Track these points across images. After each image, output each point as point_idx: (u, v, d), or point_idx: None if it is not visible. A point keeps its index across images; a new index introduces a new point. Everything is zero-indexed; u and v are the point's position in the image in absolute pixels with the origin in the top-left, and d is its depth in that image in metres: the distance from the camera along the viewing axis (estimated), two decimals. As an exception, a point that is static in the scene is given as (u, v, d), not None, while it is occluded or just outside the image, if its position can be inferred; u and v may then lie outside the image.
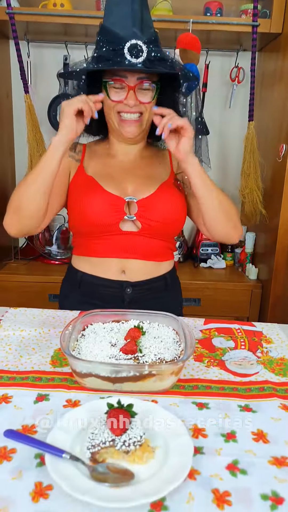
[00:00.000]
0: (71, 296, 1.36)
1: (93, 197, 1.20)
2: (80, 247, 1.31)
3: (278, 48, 2.01)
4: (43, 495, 0.63)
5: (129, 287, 1.26)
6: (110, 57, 1.10)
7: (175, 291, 1.40)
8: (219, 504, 0.63)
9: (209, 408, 0.85)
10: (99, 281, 1.27)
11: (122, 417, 0.71)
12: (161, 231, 1.23)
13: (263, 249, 2.23)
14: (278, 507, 0.63)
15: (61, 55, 2.26)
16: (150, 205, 1.20)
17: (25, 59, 2.06)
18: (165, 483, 0.64)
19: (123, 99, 1.14)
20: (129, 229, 1.22)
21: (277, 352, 1.09)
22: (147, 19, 1.14)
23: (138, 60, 1.09)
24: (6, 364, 0.98)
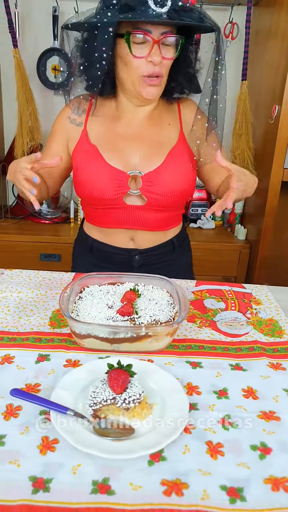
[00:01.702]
0: (83, 257, 1.39)
1: (95, 170, 1.16)
2: (89, 216, 1.33)
3: (274, 3, 1.95)
4: (50, 448, 0.68)
5: (137, 254, 1.29)
6: (133, 5, 0.97)
7: (183, 253, 1.41)
8: (212, 455, 0.68)
9: (202, 367, 0.90)
10: (109, 248, 1.30)
11: (122, 376, 0.76)
12: (168, 203, 1.20)
13: (252, 210, 2.26)
14: (266, 457, 0.68)
15: (50, 6, 2.17)
16: (156, 179, 1.16)
17: (12, 9, 1.97)
18: (163, 436, 0.69)
19: (147, 55, 1.03)
20: (135, 203, 1.19)
21: (266, 313, 1.13)
22: None
23: (163, 10, 0.97)
24: (6, 325, 1.01)
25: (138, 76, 1.08)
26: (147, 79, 1.08)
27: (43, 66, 2.25)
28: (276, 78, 1.90)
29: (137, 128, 1.20)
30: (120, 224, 1.24)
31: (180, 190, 1.19)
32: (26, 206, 2.40)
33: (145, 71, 1.06)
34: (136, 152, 1.18)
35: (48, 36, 2.25)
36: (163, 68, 1.07)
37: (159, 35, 1.02)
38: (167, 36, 1.03)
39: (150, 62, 1.05)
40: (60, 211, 2.44)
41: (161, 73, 1.07)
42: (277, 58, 1.90)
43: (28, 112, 1.95)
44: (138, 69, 1.07)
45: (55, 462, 0.66)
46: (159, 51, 1.03)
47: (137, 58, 1.05)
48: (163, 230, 1.30)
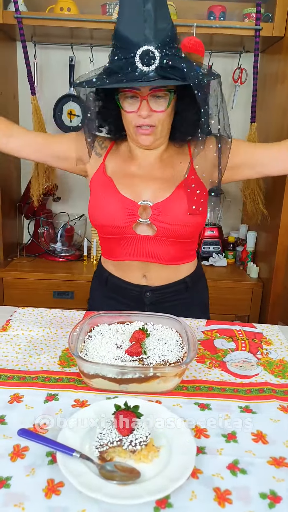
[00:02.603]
0: (99, 290, 1.43)
1: (108, 199, 1.22)
2: (104, 249, 1.37)
3: (280, 50, 2.03)
4: (55, 492, 0.67)
5: (149, 291, 1.31)
6: (120, 68, 1.06)
7: (198, 292, 1.42)
8: (220, 502, 0.67)
9: (211, 409, 0.89)
10: (122, 283, 1.34)
11: (129, 418, 0.75)
12: (178, 234, 1.22)
13: (264, 248, 2.27)
14: (276, 506, 0.67)
15: (67, 56, 2.29)
16: (165, 209, 1.19)
17: (31, 60, 2.09)
18: (169, 481, 0.68)
19: (136, 110, 1.11)
20: (145, 233, 1.23)
21: (277, 354, 1.12)
22: (162, 18, 1.06)
23: (150, 68, 1.04)
24: (17, 364, 1.02)
25: (132, 126, 1.17)
26: (139, 129, 1.16)
27: (59, 111, 2.34)
28: (284, 120, 1.95)
29: (148, 169, 1.26)
30: (132, 255, 1.27)
31: (189, 220, 1.21)
32: (41, 244, 2.45)
33: (136, 123, 1.15)
34: (147, 187, 1.23)
35: (65, 83, 2.36)
36: (154, 119, 1.13)
37: (147, 91, 1.09)
38: (155, 92, 1.10)
39: (139, 116, 1.12)
40: (73, 249, 2.48)
41: (151, 123, 1.14)
42: (284, 101, 1.96)
43: (44, 154, 2.02)
44: (131, 121, 1.16)
45: (59, 506, 0.65)
46: (147, 105, 1.10)
47: (128, 113, 1.14)
48: (175, 264, 1.30)
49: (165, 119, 1.15)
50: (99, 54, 2.32)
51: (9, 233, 2.36)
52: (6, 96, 2.24)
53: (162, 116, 1.14)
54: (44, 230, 2.47)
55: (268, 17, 2.01)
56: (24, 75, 2.04)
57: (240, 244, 2.50)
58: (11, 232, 2.40)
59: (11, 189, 2.40)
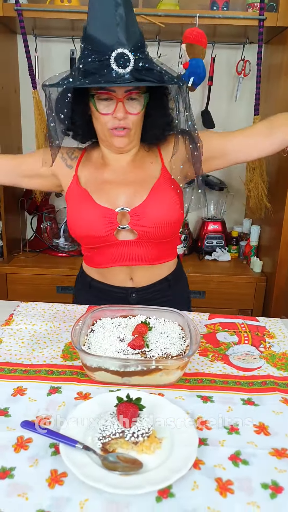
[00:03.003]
0: (83, 293, 1.44)
1: (86, 210, 1.22)
2: (87, 258, 1.37)
3: (284, 41, 2.01)
4: (59, 482, 0.68)
5: (134, 292, 1.33)
6: (96, 69, 1.05)
7: (179, 289, 1.44)
8: (222, 492, 0.67)
9: (213, 402, 0.89)
10: (107, 287, 1.34)
11: (131, 410, 0.76)
12: (158, 235, 1.22)
13: (267, 242, 2.26)
14: (277, 496, 0.67)
15: (68, 49, 2.28)
16: (143, 213, 1.20)
17: (32, 54, 2.08)
18: (171, 472, 0.68)
19: (112, 112, 1.11)
20: (127, 237, 1.23)
21: (280, 347, 1.12)
22: (133, 22, 1.08)
23: (126, 71, 1.04)
24: (20, 357, 1.03)
25: (107, 129, 1.16)
26: (114, 131, 1.15)
27: (62, 105, 2.34)
28: (288, 113, 1.94)
29: (121, 173, 1.25)
30: (116, 261, 1.27)
31: (168, 220, 1.22)
32: (44, 239, 2.45)
33: (111, 125, 1.14)
34: (122, 193, 1.23)
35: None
36: (129, 121, 1.13)
37: (123, 93, 1.09)
38: (130, 94, 1.10)
39: (115, 118, 1.12)
40: (76, 244, 2.49)
41: (126, 125, 1.14)
42: (289, 93, 1.95)
43: (47, 149, 2.02)
44: (106, 124, 1.14)
45: (63, 496, 0.66)
46: (123, 108, 1.10)
47: (103, 115, 1.13)
48: (158, 263, 1.31)
49: (138, 121, 1.16)
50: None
51: (12, 229, 2.37)
52: (7, 90, 2.24)
53: (136, 118, 1.14)
54: (47, 226, 2.47)
55: (272, 6, 1.98)
56: (25, 69, 2.03)
57: (243, 239, 2.50)
58: (14, 228, 2.41)
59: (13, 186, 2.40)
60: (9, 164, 1.33)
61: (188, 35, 1.81)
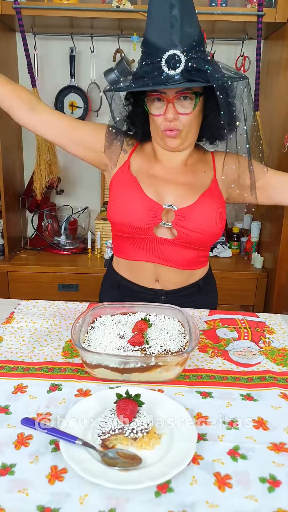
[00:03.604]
0: (111, 294, 1.42)
1: (133, 198, 1.21)
2: (118, 248, 1.36)
3: (283, 37, 2.01)
4: (59, 478, 0.69)
5: (163, 295, 1.32)
6: (147, 72, 1.08)
7: (209, 293, 1.44)
8: (220, 487, 0.68)
9: (213, 397, 0.90)
10: (136, 287, 1.33)
11: (130, 406, 0.77)
12: (197, 241, 1.22)
13: (268, 238, 2.26)
14: (275, 489, 0.68)
15: (67, 47, 2.28)
16: (189, 215, 1.20)
17: (31, 52, 2.08)
18: (170, 467, 0.69)
19: (163, 113, 1.12)
20: (164, 236, 1.23)
21: (279, 342, 1.13)
22: (190, 23, 1.06)
23: (176, 72, 1.04)
24: (20, 355, 1.04)
25: (159, 130, 1.17)
26: (167, 132, 1.16)
27: (61, 103, 2.34)
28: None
29: (173, 172, 1.26)
30: (147, 257, 1.27)
31: (210, 229, 1.22)
32: (45, 237, 2.46)
33: (163, 126, 1.15)
34: (171, 191, 1.23)
35: (66, 74, 2.35)
36: (179, 123, 1.13)
37: (173, 94, 1.10)
38: (180, 95, 1.10)
39: (166, 119, 1.13)
40: (78, 242, 2.50)
41: (177, 127, 1.14)
42: None
43: (46, 147, 2.02)
44: (160, 125, 1.16)
45: (63, 492, 0.66)
46: (173, 109, 1.11)
47: (155, 116, 1.15)
48: (188, 269, 1.30)
49: (191, 122, 1.15)
50: (99, 44, 2.31)
51: (13, 227, 2.38)
52: (7, 89, 2.24)
53: (188, 119, 1.14)
54: (48, 223, 2.48)
55: (270, 2, 1.98)
56: (24, 67, 2.03)
57: (244, 235, 2.50)
58: (15, 226, 2.42)
59: (14, 183, 2.41)
60: (66, 124, 1.27)
61: (186, 31, 1.80)
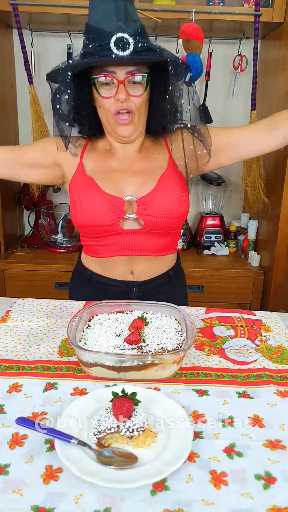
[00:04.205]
0: (80, 289, 1.42)
1: (92, 198, 1.21)
2: (88, 247, 1.35)
3: (280, 36, 2.01)
4: (54, 478, 0.68)
5: (135, 286, 1.32)
6: (96, 51, 1.06)
7: (179, 285, 1.44)
8: (216, 484, 0.68)
9: (209, 395, 0.90)
10: (107, 281, 1.33)
11: (126, 405, 0.76)
12: (165, 225, 1.23)
13: (265, 236, 2.26)
14: (270, 486, 0.67)
15: (65, 44, 2.27)
16: (150, 202, 1.20)
17: (28, 48, 2.07)
18: (166, 465, 0.69)
19: (114, 95, 1.11)
20: (132, 227, 1.23)
21: (275, 340, 1.13)
22: (132, 13, 1.10)
23: (125, 53, 1.05)
24: (16, 354, 1.03)
25: (110, 114, 1.15)
26: (118, 118, 1.14)
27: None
28: (285, 107, 1.92)
29: (128, 162, 1.25)
30: (118, 251, 1.26)
31: (174, 211, 1.22)
32: (41, 236, 2.45)
33: (113, 109, 1.13)
34: (129, 182, 1.23)
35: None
36: (131, 104, 1.13)
37: (123, 75, 1.09)
38: (132, 75, 1.09)
39: (117, 100, 1.11)
40: (74, 240, 2.49)
41: (129, 108, 1.13)
42: (285, 88, 1.94)
43: (43, 144, 2.02)
44: (109, 108, 1.14)
45: (57, 492, 0.66)
46: (124, 90, 1.10)
47: (105, 99, 1.13)
48: (161, 255, 1.30)
49: (141, 105, 1.15)
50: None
51: (9, 225, 2.37)
52: (3, 85, 2.24)
53: (139, 101, 1.13)
54: (44, 221, 2.47)
55: (267, 2, 1.98)
56: (21, 63, 2.02)
57: (241, 233, 2.50)
58: (11, 224, 2.41)
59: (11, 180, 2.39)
60: (9, 155, 1.28)
61: (184, 30, 1.80)
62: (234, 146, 1.26)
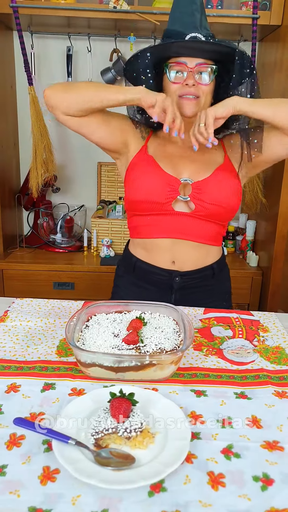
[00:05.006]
0: (125, 277, 1.45)
1: (150, 175, 1.28)
2: (136, 230, 1.38)
3: (278, 39, 2.01)
4: (51, 479, 0.68)
5: (178, 276, 1.33)
6: (171, 43, 1.19)
7: (222, 280, 1.46)
8: (213, 486, 0.68)
9: (207, 396, 0.90)
10: (151, 268, 1.35)
11: (124, 405, 0.76)
12: (214, 214, 1.28)
13: (263, 236, 2.26)
14: (268, 488, 0.67)
15: (64, 46, 2.27)
16: (205, 188, 1.26)
17: (28, 50, 2.07)
18: (164, 466, 0.69)
19: (183, 81, 1.21)
20: (182, 209, 1.28)
21: (273, 340, 1.13)
22: (205, 24, 1.24)
23: (198, 47, 1.19)
24: (14, 354, 1.03)
25: (176, 97, 1.24)
26: (184, 98, 1.24)
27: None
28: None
29: (187, 150, 1.31)
30: (166, 233, 1.30)
31: (226, 201, 1.28)
32: (40, 235, 2.45)
33: (180, 92, 1.23)
34: (187, 167, 1.30)
35: (63, 73, 2.34)
36: (199, 89, 1.23)
37: (193, 65, 1.21)
38: (201, 65, 1.22)
39: (185, 85, 1.22)
40: (74, 240, 2.49)
41: (196, 93, 1.23)
42: (282, 90, 1.94)
43: (43, 145, 2.02)
44: (176, 91, 1.24)
45: (55, 493, 0.66)
46: (193, 76, 1.21)
47: (174, 84, 1.24)
48: (205, 243, 1.32)
49: (208, 93, 1.25)
50: (96, 44, 2.31)
51: (8, 225, 2.37)
52: (3, 86, 2.23)
53: (206, 89, 1.24)
54: (43, 221, 2.47)
55: (265, 5, 1.98)
56: (21, 65, 2.02)
57: (239, 233, 2.50)
58: (10, 224, 2.41)
59: (10, 180, 2.40)
60: (98, 121, 1.30)
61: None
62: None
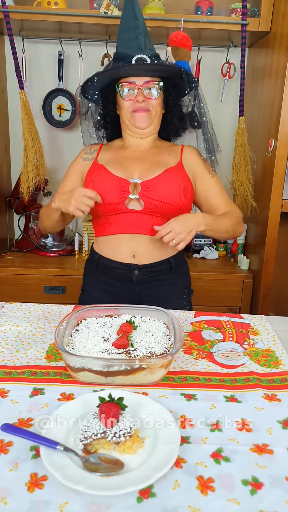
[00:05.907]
0: (91, 275, 1.54)
1: (102, 180, 1.39)
2: (97, 228, 1.49)
3: (266, 45, 2.03)
4: (38, 486, 0.67)
5: (137, 269, 1.41)
6: (121, 63, 1.36)
7: (181, 275, 1.52)
8: (203, 490, 0.67)
9: (197, 399, 0.90)
10: (112, 263, 1.44)
11: (113, 410, 0.76)
12: (163, 209, 1.36)
13: (254, 240, 2.27)
14: (257, 492, 0.67)
15: (56, 50, 2.27)
16: (153, 186, 1.36)
17: (20, 55, 2.06)
18: (153, 471, 0.68)
19: (133, 98, 1.37)
20: (135, 207, 1.37)
21: (263, 343, 1.13)
22: (150, 45, 1.41)
23: (144, 67, 1.35)
24: (3, 359, 1.02)
25: (129, 112, 1.40)
26: (136, 113, 1.39)
27: (49, 106, 2.33)
28: (272, 114, 1.95)
29: (140, 153, 1.45)
30: (123, 228, 1.39)
31: (173, 199, 1.36)
32: (31, 239, 2.44)
33: (132, 108, 1.39)
34: (137, 167, 1.40)
35: (54, 77, 2.34)
36: (148, 104, 1.38)
37: (141, 83, 1.37)
38: (148, 82, 1.37)
39: (136, 101, 1.37)
40: (65, 244, 2.48)
41: (146, 108, 1.38)
42: (272, 95, 1.96)
43: (34, 149, 2.01)
44: (129, 107, 1.40)
45: (42, 500, 0.65)
46: (142, 93, 1.37)
47: (126, 101, 1.40)
48: None
49: (157, 106, 1.40)
50: (88, 49, 2.31)
51: (-1, 229, 2.35)
52: (-6, 90, 2.22)
53: (155, 102, 1.39)
54: (34, 225, 2.45)
55: (254, 12, 2.01)
56: (12, 69, 2.01)
57: (231, 237, 2.51)
58: (1, 228, 2.39)
59: (1, 184, 2.38)
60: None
61: (173, 38, 1.81)
62: (203, 199, 1.48)
